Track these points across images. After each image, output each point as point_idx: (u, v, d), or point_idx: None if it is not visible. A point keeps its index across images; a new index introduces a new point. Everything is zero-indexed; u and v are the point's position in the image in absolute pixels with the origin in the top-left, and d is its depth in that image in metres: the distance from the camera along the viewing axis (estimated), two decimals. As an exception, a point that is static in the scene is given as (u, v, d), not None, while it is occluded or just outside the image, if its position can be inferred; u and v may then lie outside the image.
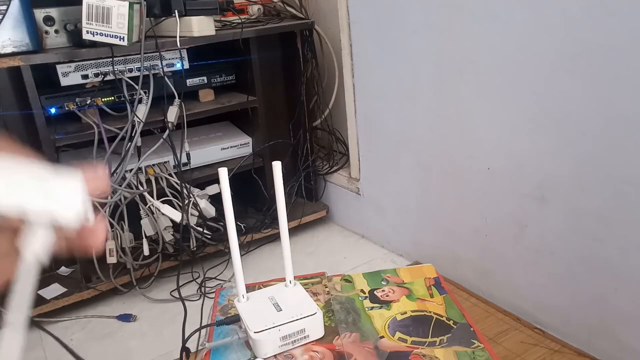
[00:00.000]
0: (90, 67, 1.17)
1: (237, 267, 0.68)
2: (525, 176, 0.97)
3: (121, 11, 1.06)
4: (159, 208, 1.21)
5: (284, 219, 0.69)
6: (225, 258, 1.37)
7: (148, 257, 1.27)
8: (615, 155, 0.82)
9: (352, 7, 1.29)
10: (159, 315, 1.22)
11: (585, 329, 0.93)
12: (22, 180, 0.28)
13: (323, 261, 1.40)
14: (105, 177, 0.32)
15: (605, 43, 0.79)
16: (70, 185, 0.29)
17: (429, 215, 1.24)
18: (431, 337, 0.67)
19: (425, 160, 1.20)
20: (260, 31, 1.34)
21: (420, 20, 1.10)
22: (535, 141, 0.94)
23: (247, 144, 1.46)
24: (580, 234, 0.90)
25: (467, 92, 1.05)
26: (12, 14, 1.02)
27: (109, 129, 1.15)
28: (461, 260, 1.18)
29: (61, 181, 0.29)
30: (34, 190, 0.28)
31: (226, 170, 0.64)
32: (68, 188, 0.29)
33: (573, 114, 0.86)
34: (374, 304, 0.75)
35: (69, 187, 0.29)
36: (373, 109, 1.33)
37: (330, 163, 1.60)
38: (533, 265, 1.00)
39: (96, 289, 1.24)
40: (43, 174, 0.29)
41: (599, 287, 0.89)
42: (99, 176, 0.31)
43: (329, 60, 1.58)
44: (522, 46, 0.91)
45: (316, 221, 1.58)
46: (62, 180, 0.29)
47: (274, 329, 0.64)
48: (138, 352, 1.10)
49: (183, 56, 1.29)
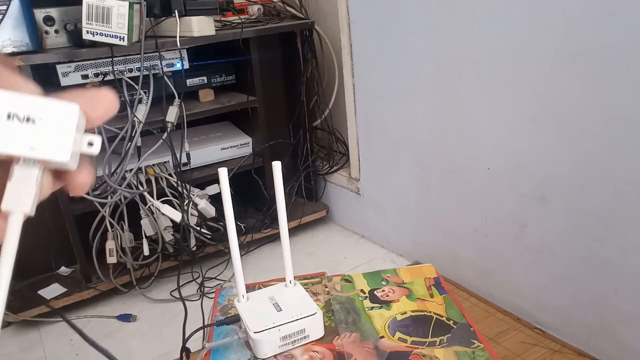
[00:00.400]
0: (90, 67, 1.17)
1: (237, 267, 0.68)
2: (525, 176, 0.97)
3: (121, 11, 1.06)
4: (159, 208, 1.21)
5: (284, 219, 0.69)
6: (225, 258, 1.37)
7: (148, 257, 1.27)
8: (615, 155, 0.82)
9: (352, 7, 1.29)
10: (159, 315, 1.22)
11: (585, 329, 0.93)
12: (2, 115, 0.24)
13: (323, 261, 1.40)
14: (110, 97, 0.27)
15: (605, 43, 0.79)
16: (61, 120, 0.25)
17: (429, 215, 1.24)
18: (431, 337, 0.67)
19: (425, 160, 1.20)
20: (260, 31, 1.34)
21: (420, 20, 1.10)
22: (535, 141, 0.94)
23: (247, 144, 1.46)
24: (580, 234, 0.90)
25: (467, 92, 1.05)
26: (12, 14, 1.02)
27: (109, 128, 1.15)
28: (461, 260, 1.18)
29: (51, 115, 0.25)
30: (15, 127, 0.24)
31: (226, 170, 0.64)
32: (58, 124, 0.25)
33: (573, 114, 0.86)
34: (374, 304, 0.75)
35: (59, 123, 0.25)
36: (373, 109, 1.33)
37: (330, 163, 1.60)
38: (533, 265, 1.00)
39: (96, 289, 1.24)
40: (30, 106, 0.24)
41: (599, 287, 0.89)
42: (102, 97, 0.26)
43: (329, 60, 1.58)
44: (522, 46, 0.91)
45: (316, 221, 1.58)
46: (52, 113, 0.25)
47: (274, 329, 0.64)
48: (138, 352, 1.10)
49: (183, 56, 1.29)
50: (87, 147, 0.26)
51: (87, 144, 0.26)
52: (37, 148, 0.24)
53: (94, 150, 0.26)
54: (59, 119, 0.25)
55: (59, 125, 0.25)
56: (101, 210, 1.17)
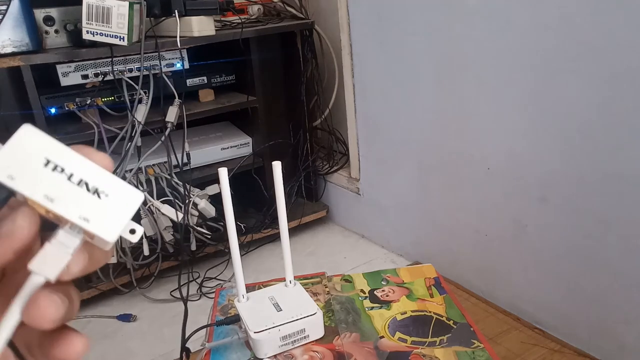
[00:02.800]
0: (90, 67, 1.17)
1: (237, 267, 0.68)
2: (525, 176, 0.97)
3: (121, 11, 1.06)
4: (159, 208, 1.21)
5: (284, 219, 0.69)
6: (225, 258, 1.37)
7: (148, 257, 1.26)
8: (615, 155, 0.82)
9: (352, 7, 1.29)
10: (159, 315, 1.22)
11: (585, 329, 0.93)
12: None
13: (323, 261, 1.40)
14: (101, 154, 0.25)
15: (605, 43, 0.79)
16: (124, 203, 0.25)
17: (429, 215, 1.24)
18: (431, 337, 0.67)
19: (425, 160, 1.20)
20: (260, 31, 1.34)
21: (420, 20, 1.10)
22: (535, 141, 0.94)
23: (247, 144, 1.46)
24: (580, 234, 0.90)
25: (467, 92, 1.05)
26: (12, 14, 1.02)
27: (109, 129, 1.15)
28: (461, 260, 1.17)
29: (117, 195, 0.25)
30: (80, 194, 0.24)
31: (226, 170, 0.64)
32: (119, 205, 0.25)
33: (573, 114, 0.86)
34: (374, 304, 0.75)
35: (120, 204, 0.25)
36: (373, 109, 1.33)
37: (330, 163, 1.59)
38: (533, 265, 1.00)
39: (96, 288, 1.24)
40: (102, 180, 0.24)
41: (599, 287, 0.89)
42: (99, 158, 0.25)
43: (329, 60, 1.58)
44: (522, 46, 0.91)
45: (316, 221, 1.58)
46: (119, 194, 0.25)
47: (274, 329, 0.64)
48: (138, 352, 1.10)
49: (183, 56, 1.29)
50: (129, 235, 0.26)
51: (130, 230, 0.26)
52: (91, 220, 0.24)
53: (135, 238, 0.26)
54: (122, 201, 0.25)
55: (119, 206, 0.25)
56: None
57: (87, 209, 0.24)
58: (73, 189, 0.24)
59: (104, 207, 0.24)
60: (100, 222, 0.24)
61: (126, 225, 0.25)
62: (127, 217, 0.25)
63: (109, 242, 0.25)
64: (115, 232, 0.24)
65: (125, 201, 0.25)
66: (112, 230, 0.24)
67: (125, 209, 0.25)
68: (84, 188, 0.24)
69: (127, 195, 0.25)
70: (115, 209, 0.25)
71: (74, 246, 0.24)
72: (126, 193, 0.25)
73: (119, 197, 0.25)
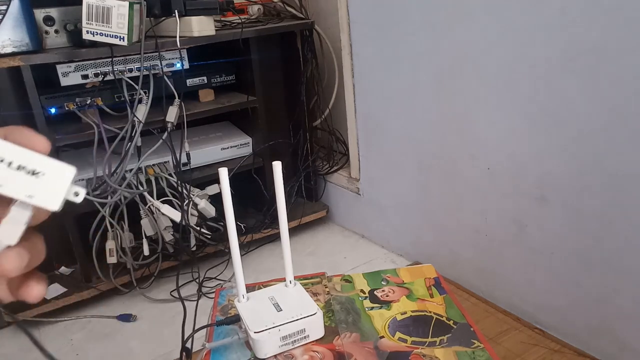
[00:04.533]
0: (90, 67, 1.17)
1: (237, 267, 0.68)
2: (525, 176, 0.97)
3: (121, 11, 1.06)
4: (159, 208, 1.21)
5: (284, 219, 0.69)
6: (225, 258, 1.37)
7: (148, 257, 1.27)
8: (615, 155, 0.82)
9: (352, 7, 1.29)
10: (159, 315, 1.22)
11: (585, 329, 0.93)
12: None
13: (323, 261, 1.40)
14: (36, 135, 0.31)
15: (605, 43, 0.79)
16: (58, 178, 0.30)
17: (429, 215, 1.24)
18: (431, 337, 0.67)
19: (425, 160, 1.20)
20: (260, 31, 1.34)
21: (420, 20, 1.10)
22: (535, 141, 0.94)
23: (247, 144, 1.46)
24: (580, 234, 0.90)
25: (467, 92, 1.05)
26: (12, 14, 1.02)
27: (109, 129, 1.15)
28: (461, 260, 1.18)
29: (51, 172, 0.30)
30: (21, 177, 0.29)
31: (226, 170, 0.64)
32: (55, 180, 0.30)
33: (573, 114, 0.86)
34: (374, 304, 0.75)
35: (56, 179, 0.30)
36: (373, 109, 1.33)
37: (330, 163, 1.59)
38: (533, 265, 1.00)
39: (96, 288, 1.24)
40: (36, 162, 0.30)
41: (599, 287, 0.89)
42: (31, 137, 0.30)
43: (329, 60, 1.58)
44: (522, 46, 0.91)
45: (316, 221, 1.58)
46: (52, 171, 0.30)
47: (274, 329, 0.64)
48: (138, 352, 1.10)
49: (183, 56, 1.29)
50: (73, 196, 0.31)
51: (74, 193, 0.31)
52: (35, 196, 0.30)
53: (78, 199, 0.31)
54: (57, 177, 0.30)
55: (55, 181, 0.30)
56: (101, 210, 1.17)
57: (30, 188, 0.30)
58: (15, 174, 0.29)
59: (43, 184, 0.30)
60: (43, 196, 0.30)
61: (69, 191, 0.30)
62: (65, 189, 0.30)
63: (55, 210, 0.30)
64: (57, 203, 0.30)
65: (59, 176, 0.30)
66: (54, 201, 0.30)
67: (61, 182, 0.30)
68: (23, 171, 0.29)
69: (60, 171, 0.30)
70: (52, 184, 0.30)
71: (25, 219, 0.30)
72: (59, 169, 0.30)
73: (53, 173, 0.30)
